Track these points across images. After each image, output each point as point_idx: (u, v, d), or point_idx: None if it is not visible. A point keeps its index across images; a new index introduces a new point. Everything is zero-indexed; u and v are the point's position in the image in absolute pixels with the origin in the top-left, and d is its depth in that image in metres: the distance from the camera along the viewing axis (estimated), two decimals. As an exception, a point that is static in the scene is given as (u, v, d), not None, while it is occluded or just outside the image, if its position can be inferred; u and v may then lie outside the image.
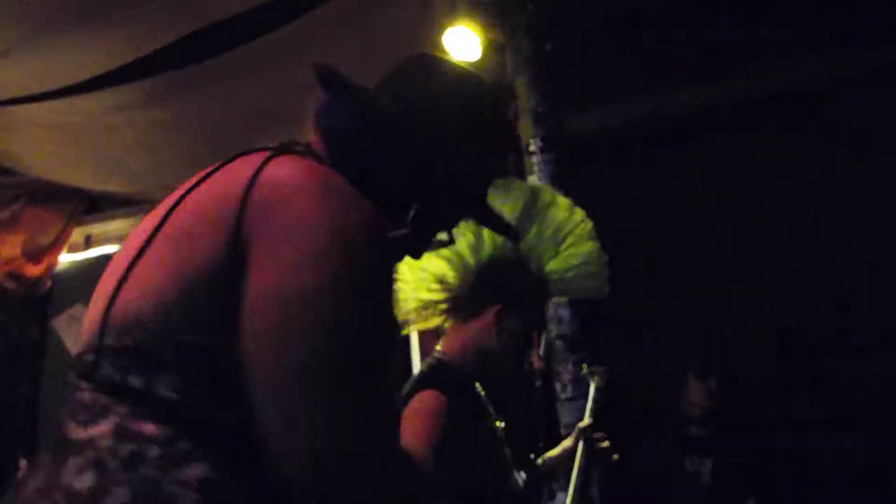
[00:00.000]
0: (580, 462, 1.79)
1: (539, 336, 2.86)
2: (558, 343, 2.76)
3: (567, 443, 1.89)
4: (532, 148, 2.82)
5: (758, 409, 3.38)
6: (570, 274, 1.74)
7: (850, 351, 3.40)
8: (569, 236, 1.73)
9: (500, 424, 1.73)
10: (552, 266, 1.73)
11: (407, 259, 1.68)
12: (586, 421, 1.86)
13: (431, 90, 1.07)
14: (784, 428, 3.33)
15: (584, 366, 2.09)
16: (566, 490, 1.80)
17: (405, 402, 1.57)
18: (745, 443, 3.18)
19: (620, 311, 3.10)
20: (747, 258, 3.59)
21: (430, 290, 1.70)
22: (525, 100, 2.91)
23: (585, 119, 3.59)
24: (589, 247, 1.76)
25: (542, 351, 2.88)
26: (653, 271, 3.46)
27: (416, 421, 1.53)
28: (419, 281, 1.70)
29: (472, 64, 2.78)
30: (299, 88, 1.08)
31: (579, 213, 1.78)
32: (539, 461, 1.89)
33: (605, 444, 1.86)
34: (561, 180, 2.73)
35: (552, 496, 2.56)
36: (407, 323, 1.74)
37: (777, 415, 3.39)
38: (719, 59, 3.57)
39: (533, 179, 2.74)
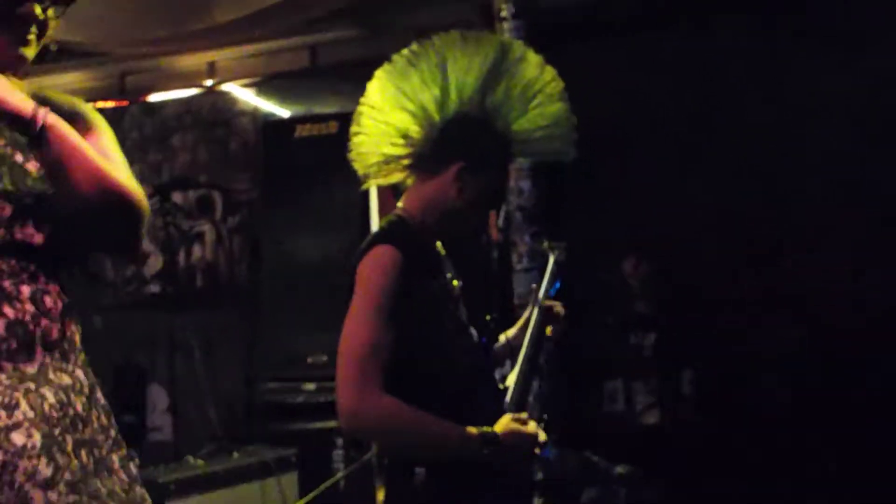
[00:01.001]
0: (532, 331, 1.84)
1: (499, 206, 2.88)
2: (517, 215, 2.79)
3: (517, 326, 1.91)
4: (504, 13, 2.74)
5: (701, 289, 3.51)
6: (536, 135, 1.68)
7: (794, 243, 3.51)
8: (538, 95, 1.66)
9: (457, 283, 1.75)
10: (519, 125, 1.66)
11: (370, 112, 1.66)
12: (541, 293, 1.89)
13: None
14: (723, 308, 3.48)
15: (544, 240, 2.10)
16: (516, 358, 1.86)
17: (362, 255, 1.58)
18: (685, 320, 3.32)
19: (579, 186, 3.14)
20: (709, 143, 3.62)
21: (393, 145, 1.65)
22: (500, -38, 2.79)
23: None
24: (558, 107, 1.69)
25: (500, 222, 2.91)
26: (614, 148, 3.47)
27: (369, 275, 1.55)
28: (382, 135, 1.65)
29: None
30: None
31: (550, 72, 1.70)
32: (501, 338, 1.94)
33: (559, 309, 1.90)
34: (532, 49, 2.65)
35: (501, 364, 2.66)
36: (367, 177, 1.70)
37: (718, 296, 3.52)
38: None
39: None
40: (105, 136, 1.28)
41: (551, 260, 1.98)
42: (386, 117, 1.65)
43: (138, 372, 4.37)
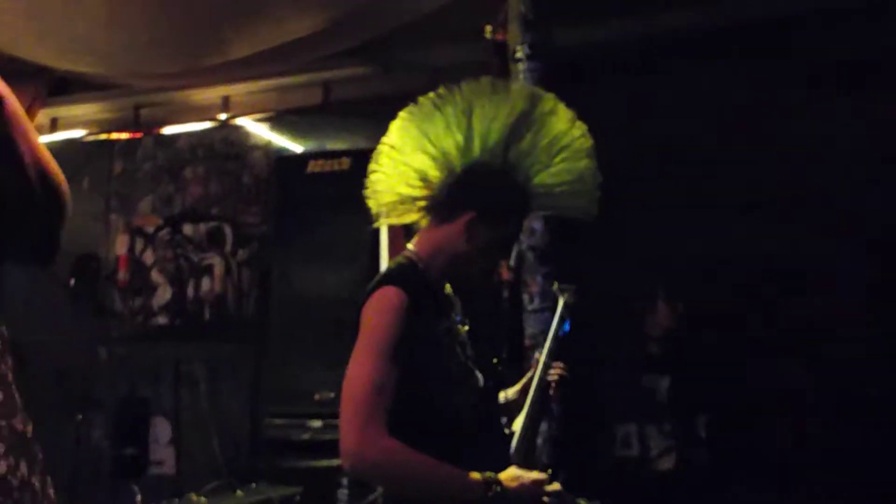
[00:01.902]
0: (533, 394, 1.81)
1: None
2: (529, 254, 2.77)
3: (525, 379, 1.90)
4: (519, 54, 2.76)
5: (716, 336, 3.47)
6: (558, 190, 1.67)
7: (809, 285, 3.47)
8: (564, 150, 1.65)
9: (465, 328, 1.74)
10: (541, 179, 1.65)
11: (390, 152, 1.66)
12: (545, 355, 1.86)
13: None
14: (740, 355, 3.43)
15: (555, 283, 2.08)
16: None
17: (368, 296, 1.57)
18: (701, 365, 3.27)
19: (592, 228, 3.12)
20: (721, 184, 3.61)
21: (411, 186, 1.64)
22: (516, 4, 2.81)
23: (575, 32, 3.51)
24: (584, 164, 1.67)
25: (512, 262, 2.89)
26: (627, 189, 3.46)
27: (374, 316, 1.54)
28: (400, 175, 1.64)
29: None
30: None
31: (580, 128, 1.69)
32: (501, 396, 1.91)
33: (559, 371, 1.87)
34: (545, 90, 2.66)
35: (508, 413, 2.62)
36: (381, 215, 1.69)
37: (734, 342, 3.48)
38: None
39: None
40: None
41: (561, 302, 1.96)
42: (406, 158, 1.65)
43: (142, 404, 4.33)
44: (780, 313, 3.50)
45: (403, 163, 1.65)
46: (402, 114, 1.67)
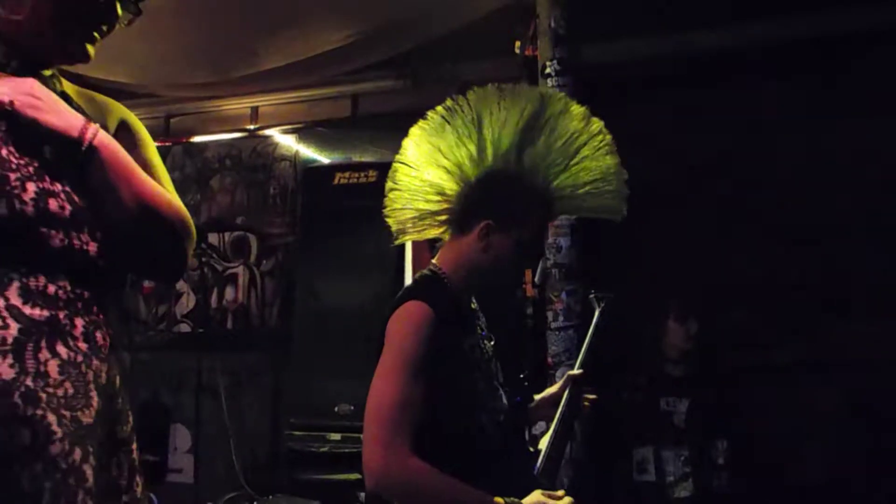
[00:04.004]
0: (562, 409, 1.77)
1: (536, 263, 2.84)
2: (554, 272, 2.74)
3: (554, 389, 1.86)
4: (548, 70, 2.74)
5: (737, 356, 3.40)
6: (581, 191, 1.62)
7: (834, 309, 3.41)
8: (582, 149, 1.60)
9: (491, 343, 1.71)
10: (561, 181, 1.61)
11: (405, 169, 1.65)
12: (577, 370, 1.82)
13: None
14: (760, 375, 3.36)
15: (593, 291, 2.02)
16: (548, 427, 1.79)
17: (393, 309, 1.55)
18: (720, 387, 3.21)
19: (618, 244, 3.09)
20: (751, 204, 3.56)
21: (428, 202, 1.63)
22: (545, 19, 2.80)
23: (606, 48, 3.49)
24: (605, 162, 1.62)
25: (537, 279, 2.86)
26: (655, 207, 3.42)
27: (400, 331, 1.52)
28: (417, 191, 1.63)
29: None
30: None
31: (596, 124, 1.64)
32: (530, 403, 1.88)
33: (591, 396, 1.84)
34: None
35: (533, 424, 2.58)
36: (402, 233, 1.68)
37: (756, 363, 3.41)
38: (750, 2, 3.45)
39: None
40: (150, 147, 1.26)
41: (597, 312, 1.92)
42: (421, 174, 1.63)
43: (163, 411, 4.34)
44: (806, 338, 3.43)
45: (419, 178, 1.64)
46: (413, 130, 1.66)
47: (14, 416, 0.97)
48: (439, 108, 1.64)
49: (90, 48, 1.19)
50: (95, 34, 1.19)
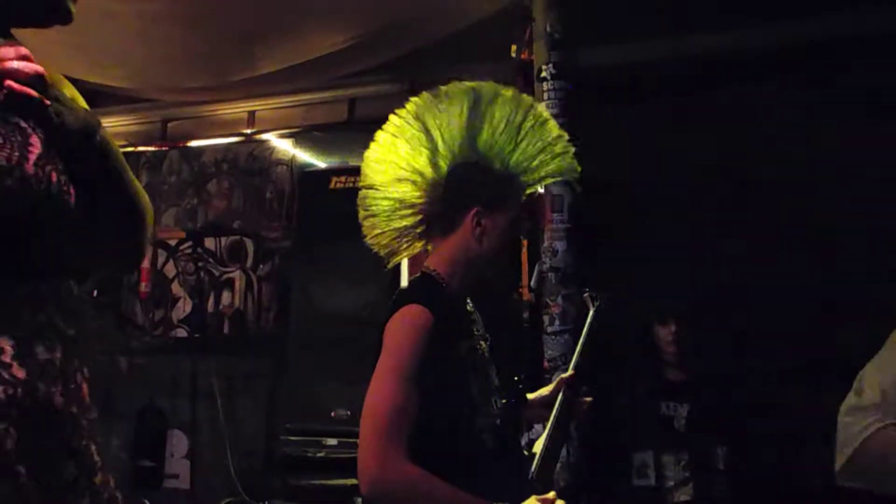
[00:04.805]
0: (556, 412, 1.77)
1: (531, 265, 2.84)
2: (550, 275, 2.74)
3: (546, 391, 1.87)
4: (544, 73, 2.74)
5: (739, 359, 3.40)
6: (535, 162, 1.69)
7: (835, 312, 3.40)
8: (523, 124, 1.67)
9: (486, 344, 1.71)
10: (515, 160, 1.67)
11: (371, 193, 1.68)
12: (570, 372, 1.83)
13: None
14: (762, 380, 3.35)
15: (587, 290, 2.05)
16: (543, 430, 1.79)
17: (391, 312, 1.55)
18: (721, 391, 3.20)
19: (615, 248, 3.09)
20: (748, 208, 3.55)
21: (403, 217, 1.67)
22: (541, 23, 2.81)
23: (601, 52, 3.49)
24: (546, 131, 1.70)
25: (533, 282, 2.86)
26: (652, 210, 3.42)
27: (397, 334, 1.52)
28: (389, 211, 1.68)
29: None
30: None
31: (526, 100, 1.73)
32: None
33: (587, 399, 1.84)
34: (571, 110, 2.65)
35: (529, 427, 2.58)
36: (390, 255, 1.73)
37: (756, 366, 3.40)
38: (749, 4, 3.45)
39: (542, 106, 2.66)
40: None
41: (591, 312, 1.93)
42: (387, 193, 1.68)
43: (160, 416, 4.32)
44: (809, 341, 3.42)
45: (387, 198, 1.68)
46: (367, 154, 1.72)
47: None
48: (386, 126, 1.70)
49: (72, 6, 1.17)
50: None
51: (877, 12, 3.34)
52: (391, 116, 1.71)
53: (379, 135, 1.71)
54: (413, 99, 1.70)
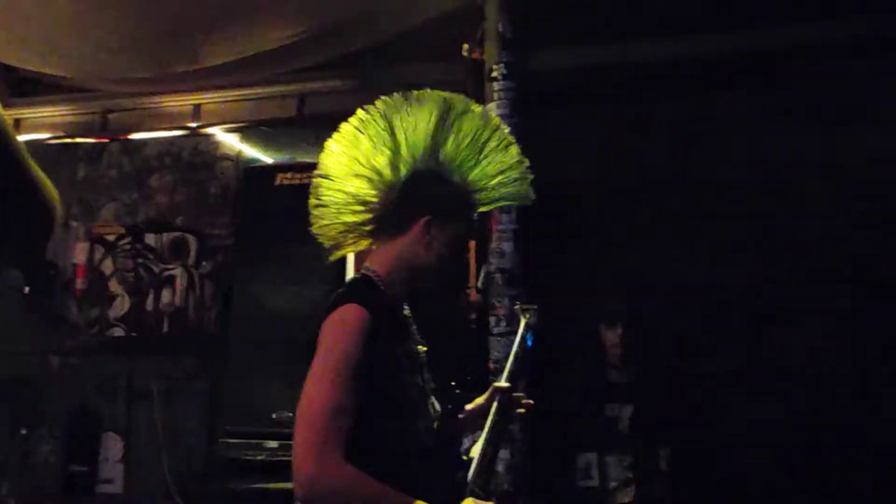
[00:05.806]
0: (492, 421, 1.76)
1: (479, 266, 2.82)
2: (497, 277, 2.72)
3: (480, 400, 1.86)
4: (495, 73, 2.73)
5: (681, 361, 3.44)
6: (493, 182, 1.69)
7: (778, 317, 3.47)
8: (486, 144, 1.68)
9: (423, 349, 1.69)
10: (474, 175, 1.67)
11: (326, 183, 1.64)
12: (503, 382, 1.82)
13: None
14: (703, 382, 3.40)
15: (517, 303, 2.06)
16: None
17: (327, 313, 1.51)
18: (664, 393, 3.24)
19: (563, 250, 3.09)
20: (696, 213, 3.60)
21: (354, 213, 1.64)
22: (493, 23, 2.79)
23: (553, 55, 3.50)
24: (508, 154, 1.70)
25: (480, 283, 2.84)
26: (600, 214, 3.44)
27: (334, 335, 1.48)
28: (341, 204, 1.64)
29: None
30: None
31: (495, 120, 1.74)
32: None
33: (522, 408, 1.83)
34: (520, 112, 2.64)
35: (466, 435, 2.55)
36: (335, 248, 1.69)
37: (703, 373, 3.45)
38: (698, 13, 3.50)
39: (492, 106, 2.65)
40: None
41: (522, 323, 1.92)
42: (342, 186, 1.64)
43: (93, 418, 4.17)
44: (749, 346, 3.48)
45: (341, 191, 1.64)
46: (327, 144, 1.68)
47: None
48: (352, 119, 1.67)
49: None
50: None
51: (818, 25, 3.43)
52: (358, 111, 1.69)
53: (342, 126, 1.67)
54: (384, 97, 1.68)
